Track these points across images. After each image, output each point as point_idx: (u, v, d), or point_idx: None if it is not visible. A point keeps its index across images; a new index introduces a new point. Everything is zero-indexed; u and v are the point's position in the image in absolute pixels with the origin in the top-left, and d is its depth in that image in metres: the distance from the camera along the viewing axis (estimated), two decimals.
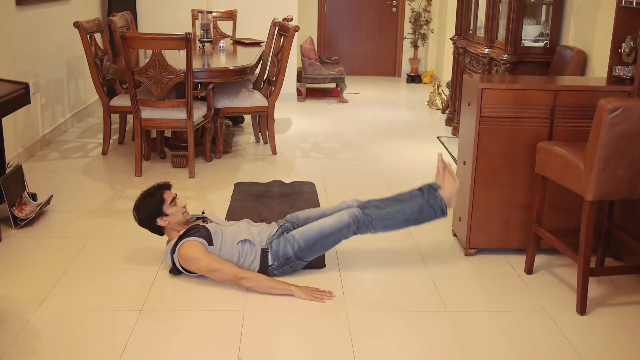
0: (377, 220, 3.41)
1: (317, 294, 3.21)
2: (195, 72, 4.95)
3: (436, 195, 3.46)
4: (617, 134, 2.85)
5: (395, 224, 3.44)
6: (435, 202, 3.45)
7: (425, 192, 3.51)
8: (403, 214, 3.42)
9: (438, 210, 3.45)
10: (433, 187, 3.51)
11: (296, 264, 3.39)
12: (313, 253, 3.39)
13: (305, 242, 3.35)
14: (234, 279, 3.24)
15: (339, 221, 3.38)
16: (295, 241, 3.35)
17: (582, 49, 4.78)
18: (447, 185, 3.50)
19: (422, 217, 3.45)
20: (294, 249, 3.34)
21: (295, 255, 3.35)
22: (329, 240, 3.38)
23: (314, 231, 3.37)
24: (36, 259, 3.59)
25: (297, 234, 3.37)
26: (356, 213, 3.40)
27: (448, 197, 3.48)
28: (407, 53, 10.36)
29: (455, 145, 5.90)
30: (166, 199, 3.35)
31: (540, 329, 2.99)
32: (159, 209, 3.34)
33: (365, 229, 3.41)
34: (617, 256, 3.69)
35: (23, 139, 5.34)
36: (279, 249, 3.35)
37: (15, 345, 2.75)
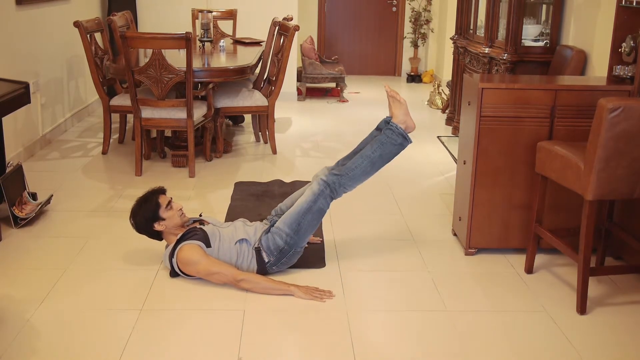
0: (345, 176, 3.38)
1: (316, 293, 3.21)
2: (196, 72, 4.95)
3: (391, 125, 3.42)
4: (617, 133, 2.85)
5: (365, 171, 3.40)
6: (391, 132, 3.40)
7: (382, 128, 3.48)
8: (367, 157, 3.39)
9: (399, 137, 3.40)
10: (386, 121, 3.48)
11: (292, 254, 3.38)
12: (302, 235, 3.36)
13: (290, 228, 3.34)
14: (233, 282, 3.24)
15: (311, 194, 3.37)
16: (282, 231, 3.34)
17: (582, 48, 4.78)
18: (396, 109, 3.46)
19: (387, 151, 3.41)
20: (283, 239, 3.33)
21: (287, 244, 3.34)
22: (311, 216, 3.36)
23: (293, 214, 3.36)
24: (36, 259, 3.59)
25: (280, 224, 3.37)
26: (323, 179, 3.38)
27: (402, 121, 3.43)
28: (407, 52, 10.36)
29: (455, 145, 5.90)
30: (162, 204, 3.35)
31: (540, 328, 2.99)
32: (155, 213, 3.34)
33: (340, 188, 3.39)
34: (617, 256, 3.69)
35: (23, 139, 5.34)
36: (269, 244, 3.34)
37: (15, 345, 2.75)
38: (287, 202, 3.61)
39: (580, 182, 3.01)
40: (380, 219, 4.28)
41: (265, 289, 3.22)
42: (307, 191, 3.41)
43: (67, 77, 6.44)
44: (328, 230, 4.04)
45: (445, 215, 4.34)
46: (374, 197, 4.70)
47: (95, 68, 5.52)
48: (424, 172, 5.35)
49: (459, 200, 3.88)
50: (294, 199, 3.55)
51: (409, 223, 4.21)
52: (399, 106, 3.46)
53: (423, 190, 4.89)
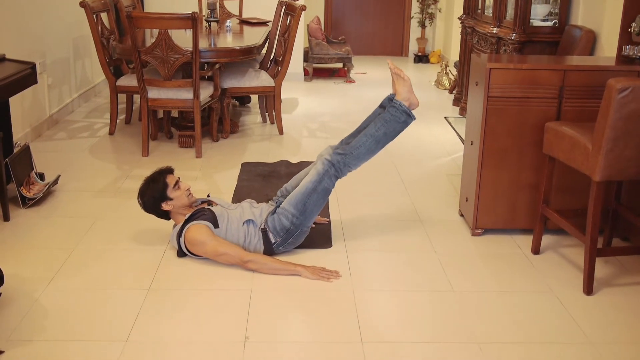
0: (350, 155, 3.38)
1: (323, 273, 3.22)
2: (202, 52, 4.94)
3: (394, 103, 3.41)
4: (626, 114, 2.83)
5: (370, 149, 3.40)
6: (395, 109, 3.39)
7: (386, 106, 3.48)
8: (372, 136, 3.39)
9: (402, 115, 3.39)
10: (390, 98, 3.48)
11: (298, 234, 3.38)
12: (308, 215, 3.37)
13: (295, 208, 3.34)
14: (240, 263, 3.25)
15: (316, 173, 3.37)
16: (287, 211, 3.35)
17: (591, 28, 4.74)
18: (399, 87, 3.45)
19: (391, 129, 3.40)
20: (289, 219, 3.34)
21: (293, 225, 3.35)
22: (316, 196, 3.36)
23: (299, 194, 3.36)
24: (44, 239, 3.61)
25: (285, 204, 3.37)
26: (328, 158, 3.38)
27: (406, 98, 3.42)
28: (415, 33, 10.30)
29: (462, 126, 5.89)
30: (169, 183, 3.35)
31: (547, 309, 2.99)
32: (163, 193, 3.34)
33: (344, 167, 3.39)
34: (624, 237, 3.68)
35: (30, 119, 5.35)
36: (275, 224, 3.35)
37: (24, 323, 2.77)
38: (292, 182, 3.61)
39: (588, 162, 2.99)
40: (387, 200, 4.28)
41: (272, 269, 3.23)
42: (311, 171, 3.41)
43: (74, 58, 6.43)
44: (335, 210, 4.05)
45: (452, 196, 4.34)
46: (381, 177, 4.70)
47: (101, 48, 5.51)
48: (431, 152, 5.34)
49: (465, 181, 3.88)
50: (299, 179, 3.55)
51: (415, 204, 4.21)
52: (402, 83, 3.45)
53: (430, 170, 4.89)
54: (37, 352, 2.58)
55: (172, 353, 2.60)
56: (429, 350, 2.66)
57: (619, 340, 2.76)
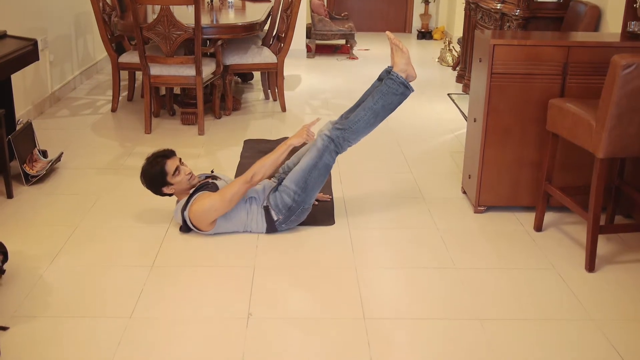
0: (349, 130, 3.38)
1: (304, 133, 3.35)
2: (204, 28, 4.91)
3: (392, 75, 3.40)
4: (631, 90, 2.82)
5: (369, 123, 3.39)
6: (392, 81, 3.38)
7: (383, 78, 3.47)
8: (370, 109, 3.38)
9: (400, 87, 3.38)
10: (388, 70, 3.47)
11: (300, 212, 3.38)
12: (310, 192, 3.37)
13: (297, 185, 3.34)
14: (248, 186, 3.27)
15: (315, 150, 3.37)
16: (289, 188, 3.35)
17: (596, 3, 4.70)
18: (397, 59, 3.44)
19: (389, 102, 3.39)
20: (291, 196, 3.34)
21: (295, 202, 3.35)
22: (317, 172, 3.36)
23: (299, 171, 3.36)
24: (48, 216, 3.62)
25: (287, 181, 3.38)
26: (327, 134, 3.38)
27: (403, 69, 3.41)
28: (418, 9, 10.23)
29: (465, 103, 5.86)
30: (168, 171, 3.32)
31: (549, 286, 3.00)
32: (162, 180, 3.34)
33: (344, 142, 3.38)
34: (627, 214, 3.68)
35: (32, 96, 5.34)
36: (277, 202, 3.35)
37: (28, 300, 2.79)
38: (294, 159, 3.60)
39: (592, 140, 2.98)
40: (389, 177, 4.28)
41: (272, 161, 3.33)
42: (311, 148, 3.41)
43: (75, 34, 6.40)
44: (337, 188, 4.05)
45: (455, 173, 4.33)
46: (384, 155, 4.69)
47: (103, 25, 5.48)
48: (433, 130, 5.33)
49: (468, 158, 3.87)
50: (301, 156, 3.55)
51: (418, 181, 4.20)
52: (400, 55, 3.43)
53: (433, 148, 4.88)
54: (41, 329, 2.60)
55: (176, 330, 2.62)
56: (431, 326, 2.67)
57: (621, 317, 2.77)
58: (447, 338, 2.60)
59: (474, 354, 2.51)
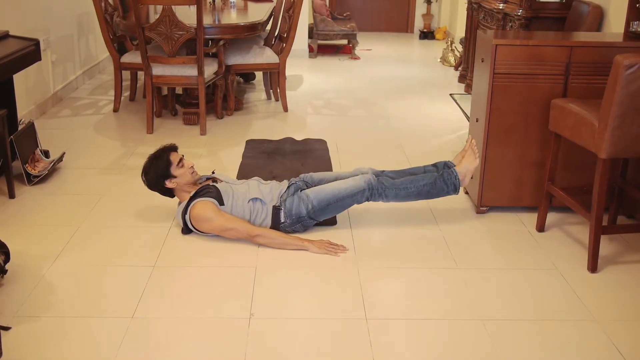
0: (390, 189, 3.43)
1: (330, 247, 3.24)
2: (206, 28, 4.91)
3: (451, 172, 3.48)
4: (633, 90, 2.81)
5: (408, 195, 3.46)
6: (449, 177, 3.46)
7: (440, 168, 3.56)
8: (416, 185, 3.45)
9: (451, 186, 3.47)
10: (448, 165, 3.55)
11: (308, 223, 3.41)
12: (325, 214, 3.41)
13: (319, 203, 3.36)
14: (248, 237, 3.26)
15: (354, 185, 3.40)
16: (310, 201, 3.36)
17: (598, 3, 4.69)
18: (466, 162, 3.51)
19: (434, 190, 3.47)
20: (307, 209, 3.36)
21: (308, 215, 3.37)
22: (342, 204, 3.40)
23: (328, 193, 3.38)
24: (50, 216, 3.62)
25: (311, 194, 3.38)
26: (371, 180, 3.42)
27: (463, 173, 3.49)
28: (420, 9, 10.22)
29: (468, 103, 5.86)
30: (173, 161, 3.35)
31: (551, 286, 3.00)
32: (166, 171, 3.34)
33: (379, 196, 3.43)
34: (630, 214, 3.67)
35: (35, 96, 5.34)
36: (292, 207, 3.36)
37: (30, 300, 2.79)
38: (320, 175, 3.63)
39: (594, 140, 2.98)
40: None
41: (280, 244, 3.25)
42: (350, 180, 3.44)
43: (78, 34, 6.40)
44: None
45: None
46: (386, 155, 4.69)
47: (105, 25, 5.48)
48: (436, 130, 5.32)
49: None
50: (327, 177, 3.59)
51: None
52: (472, 162, 3.50)
53: (435, 148, 4.87)
54: (43, 329, 2.60)
55: (177, 330, 2.61)
56: (434, 326, 2.67)
57: (623, 317, 2.76)
58: (450, 338, 2.60)
59: (476, 354, 2.50)
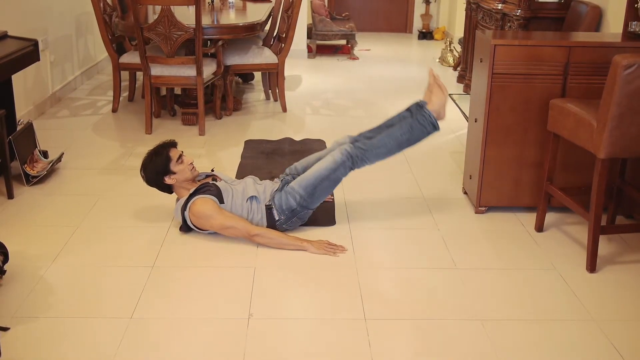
0: (369, 151, 3.39)
1: (329, 248, 3.24)
2: (205, 29, 4.91)
3: (424, 112, 3.42)
4: (632, 90, 2.81)
5: (389, 150, 3.41)
6: (424, 118, 3.40)
7: (413, 112, 3.48)
8: (394, 138, 3.39)
9: (429, 126, 3.41)
10: (420, 105, 3.47)
11: (303, 214, 3.40)
12: (316, 199, 3.39)
13: (305, 190, 3.35)
14: (247, 236, 3.26)
15: (333, 161, 3.37)
16: (296, 192, 3.35)
17: (597, 4, 4.70)
18: (435, 97, 3.45)
19: (414, 136, 3.41)
20: (297, 200, 3.35)
21: (300, 206, 3.36)
22: (328, 183, 3.37)
23: (311, 177, 3.37)
24: (48, 216, 3.61)
25: (295, 185, 3.37)
26: (348, 149, 3.38)
27: (437, 110, 3.43)
28: (419, 9, 10.22)
29: (466, 103, 5.86)
30: (172, 157, 3.35)
31: (550, 286, 3.00)
32: (166, 167, 3.34)
33: (361, 162, 3.39)
34: (628, 214, 3.68)
35: (33, 97, 5.34)
36: (282, 203, 3.36)
37: (29, 301, 2.79)
38: (303, 162, 3.60)
39: (593, 140, 2.98)
40: (390, 177, 4.27)
41: (279, 244, 3.25)
42: (328, 157, 3.41)
43: (76, 35, 6.40)
44: (338, 188, 4.03)
45: (456, 174, 4.33)
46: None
47: (104, 25, 5.48)
48: None
49: (469, 159, 3.87)
50: (310, 161, 3.56)
51: (419, 181, 4.20)
52: (439, 94, 3.46)
53: (433, 148, 4.87)
54: (42, 329, 2.60)
55: (176, 330, 2.61)
56: (432, 327, 2.67)
57: (622, 317, 2.76)
58: (448, 338, 2.60)
59: (475, 354, 2.51)
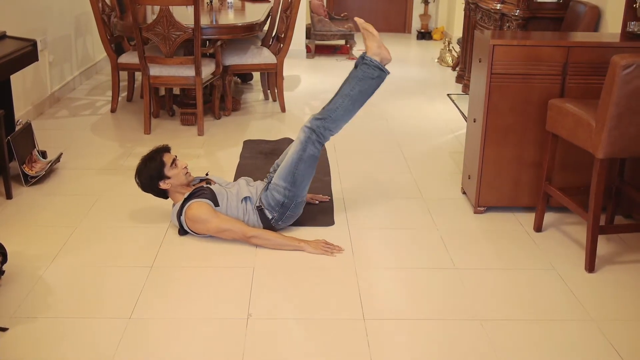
0: (328, 119, 3.35)
1: (326, 247, 3.24)
2: (204, 29, 4.91)
3: (365, 60, 3.38)
4: (630, 90, 2.82)
5: (347, 109, 3.36)
6: (368, 67, 3.36)
7: (358, 65, 3.44)
8: (347, 96, 3.36)
9: (375, 70, 3.36)
10: (362, 56, 3.44)
11: (294, 207, 3.38)
12: (300, 185, 3.36)
13: (285, 181, 3.34)
14: (243, 238, 3.26)
15: (298, 143, 3.36)
16: (278, 185, 3.35)
17: (595, 4, 4.70)
18: (369, 42, 3.41)
19: (365, 87, 3.37)
20: (282, 193, 3.34)
21: (287, 198, 3.34)
22: (303, 165, 3.35)
23: (286, 166, 3.36)
24: (47, 216, 3.61)
25: (275, 179, 3.37)
26: (308, 125, 3.36)
27: (376, 53, 3.39)
28: (418, 9, 10.22)
29: (465, 103, 5.86)
30: (166, 162, 3.35)
31: (549, 286, 3.00)
32: (160, 172, 3.34)
33: (325, 130, 3.35)
34: (627, 214, 3.68)
35: (32, 97, 5.33)
36: (269, 200, 3.36)
37: (28, 301, 2.78)
38: (282, 157, 3.60)
39: (592, 140, 2.98)
40: (389, 177, 4.27)
41: (275, 244, 3.25)
42: (295, 141, 3.41)
43: (75, 35, 6.40)
44: (337, 188, 4.05)
45: (455, 174, 4.33)
46: (383, 155, 4.69)
47: (102, 25, 5.48)
48: (433, 130, 5.33)
49: (468, 159, 3.87)
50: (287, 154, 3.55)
51: (418, 181, 4.20)
52: (372, 38, 3.41)
53: (432, 148, 4.87)
54: (40, 329, 2.59)
55: (175, 330, 2.61)
56: (431, 327, 2.67)
57: (621, 317, 2.77)
58: (447, 338, 2.60)
59: (474, 354, 2.51)
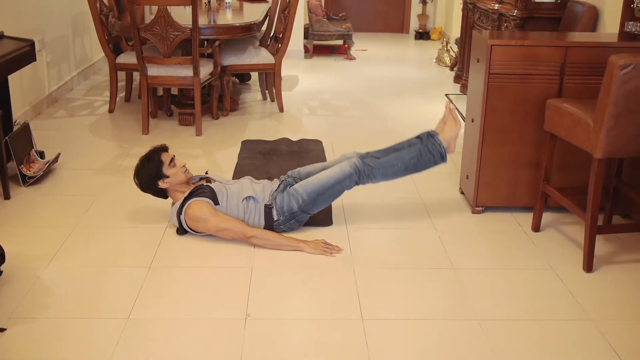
0: (377, 169, 3.41)
1: (325, 248, 3.25)
2: (202, 29, 4.91)
3: (435, 141, 3.45)
4: (628, 91, 2.82)
5: (395, 172, 3.44)
6: (434, 147, 3.44)
7: (424, 139, 3.51)
8: (402, 161, 3.43)
9: (437, 155, 3.44)
10: (431, 134, 3.50)
11: (302, 217, 3.40)
12: (317, 205, 3.40)
13: (308, 195, 3.36)
14: (243, 238, 3.26)
15: (340, 172, 3.39)
16: (299, 195, 3.36)
17: (593, 4, 4.70)
18: (449, 128, 3.48)
19: (422, 163, 3.45)
20: (299, 203, 3.35)
21: (300, 209, 3.37)
22: (332, 192, 3.38)
23: (316, 184, 3.38)
24: (45, 217, 3.61)
25: (300, 188, 3.38)
26: (357, 163, 3.40)
27: (448, 140, 3.47)
28: (416, 9, 10.23)
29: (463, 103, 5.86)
30: (164, 161, 3.35)
31: (547, 286, 3.00)
32: (158, 171, 3.34)
33: (367, 178, 3.42)
34: (625, 214, 3.68)
35: (30, 97, 5.33)
36: (283, 204, 3.36)
37: (26, 301, 2.78)
38: (307, 169, 3.61)
39: (590, 140, 2.98)
40: None
41: (275, 245, 3.25)
42: (335, 167, 3.42)
43: (73, 35, 6.39)
44: None
45: (453, 174, 4.33)
46: None
47: (100, 25, 5.47)
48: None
49: (466, 159, 3.87)
50: (315, 169, 3.57)
51: (416, 181, 4.20)
52: (453, 127, 3.49)
53: None
54: (39, 330, 2.59)
55: (173, 330, 2.61)
56: (429, 327, 2.67)
57: (619, 317, 2.77)
58: (445, 339, 2.60)
59: (472, 354, 2.51)
